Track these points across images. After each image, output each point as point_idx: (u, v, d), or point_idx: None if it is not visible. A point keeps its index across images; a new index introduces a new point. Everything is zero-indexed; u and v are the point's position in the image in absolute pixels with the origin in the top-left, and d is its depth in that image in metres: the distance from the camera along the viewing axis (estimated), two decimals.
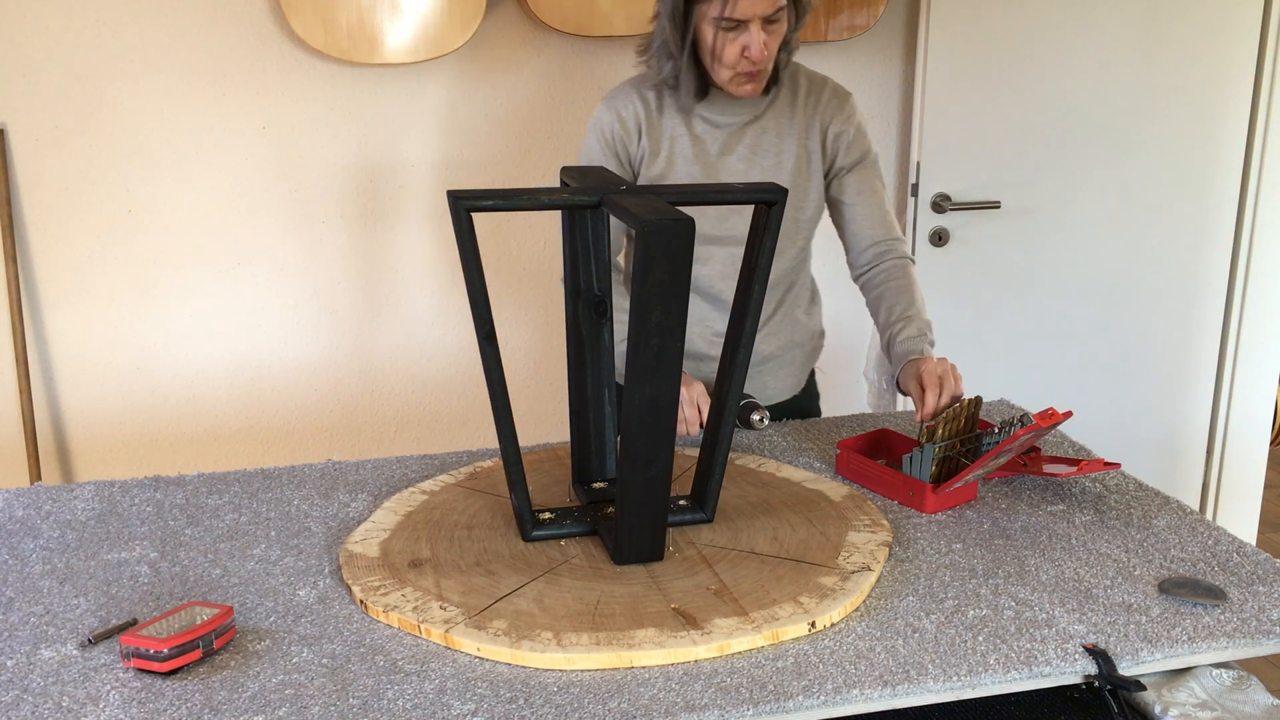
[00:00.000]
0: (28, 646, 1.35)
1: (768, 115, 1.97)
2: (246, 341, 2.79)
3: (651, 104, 1.96)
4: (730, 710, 1.22)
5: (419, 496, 1.72)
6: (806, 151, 1.98)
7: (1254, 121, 3.13)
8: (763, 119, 1.97)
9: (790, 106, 1.98)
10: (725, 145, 1.96)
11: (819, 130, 1.98)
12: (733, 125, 1.96)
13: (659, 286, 1.37)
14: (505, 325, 2.91)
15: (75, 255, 2.65)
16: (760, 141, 1.97)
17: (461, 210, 1.45)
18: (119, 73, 2.57)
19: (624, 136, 1.97)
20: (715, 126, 1.96)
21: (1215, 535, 1.62)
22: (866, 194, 2.00)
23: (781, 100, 1.97)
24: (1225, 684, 1.35)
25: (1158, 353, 3.24)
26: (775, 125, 1.97)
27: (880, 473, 1.77)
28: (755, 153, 1.97)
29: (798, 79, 1.99)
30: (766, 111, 1.97)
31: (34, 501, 1.74)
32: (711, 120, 1.96)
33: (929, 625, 1.39)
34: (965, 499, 1.73)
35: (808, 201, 2.00)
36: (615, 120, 1.97)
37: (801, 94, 1.98)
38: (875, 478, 1.77)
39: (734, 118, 1.96)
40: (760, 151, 1.97)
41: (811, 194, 2.00)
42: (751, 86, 1.88)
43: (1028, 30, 2.92)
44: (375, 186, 2.77)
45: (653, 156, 1.96)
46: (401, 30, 2.57)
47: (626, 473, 1.48)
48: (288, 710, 1.23)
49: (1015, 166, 3.00)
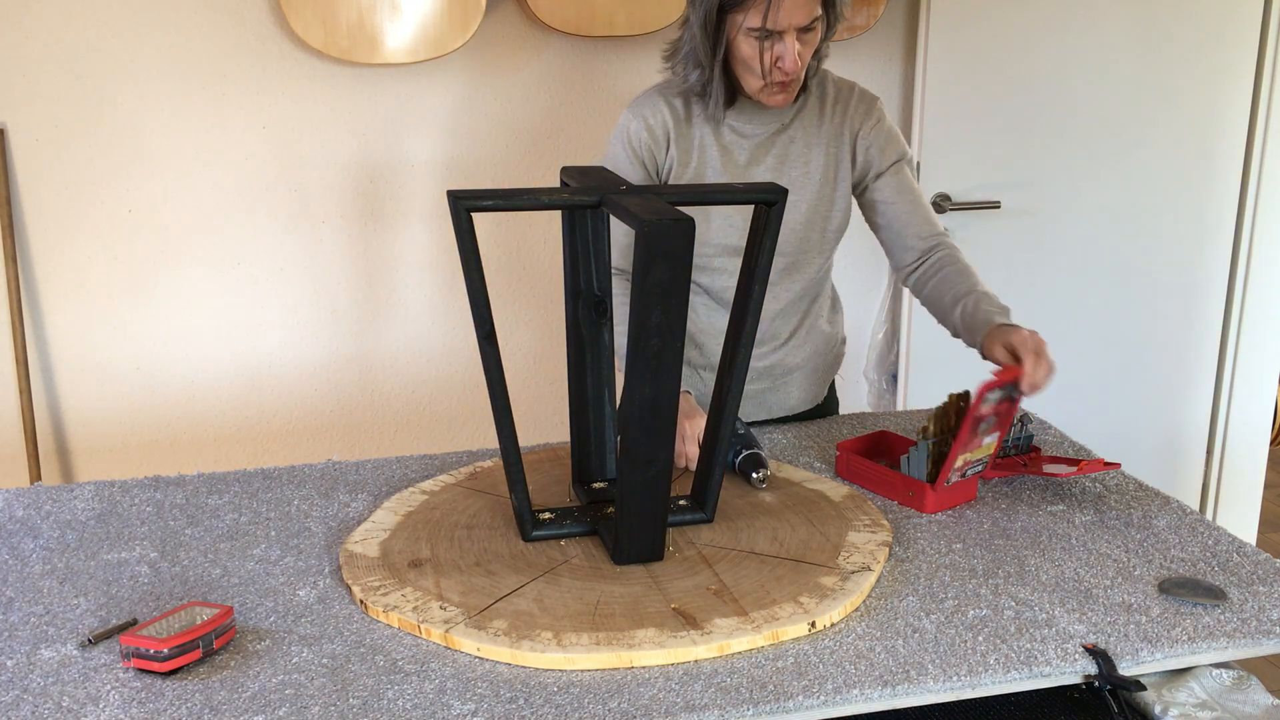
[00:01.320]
0: (28, 646, 1.35)
1: (795, 124, 1.93)
2: (246, 341, 2.79)
3: (680, 112, 1.91)
4: (730, 710, 1.22)
5: (419, 496, 1.72)
6: (835, 160, 1.94)
7: (1254, 121, 3.13)
8: (791, 128, 1.93)
9: (819, 115, 1.94)
10: (753, 155, 1.92)
11: (849, 139, 1.94)
12: (760, 135, 1.92)
13: (659, 286, 1.37)
14: (505, 325, 2.91)
15: (75, 255, 2.65)
16: (788, 151, 1.93)
17: (461, 210, 1.45)
18: (119, 73, 2.57)
19: (652, 146, 1.91)
20: (743, 136, 1.92)
21: (1215, 535, 1.62)
22: (905, 193, 1.95)
23: (810, 109, 1.93)
24: (1225, 684, 1.35)
25: (1158, 353, 3.24)
26: (803, 134, 1.93)
27: (880, 473, 1.77)
28: (783, 162, 1.92)
29: (825, 86, 1.95)
30: (794, 120, 1.93)
31: (34, 501, 1.74)
32: (739, 130, 1.91)
33: (929, 625, 1.39)
34: (965, 499, 1.73)
35: (834, 211, 1.96)
36: (643, 129, 1.91)
37: (829, 101, 1.94)
38: (875, 478, 1.77)
39: (762, 127, 1.91)
40: (788, 161, 1.93)
41: (839, 203, 1.96)
42: (783, 96, 1.83)
43: (1028, 30, 2.92)
44: (375, 186, 2.77)
45: (682, 166, 1.92)
46: (401, 30, 2.57)
47: (626, 473, 1.48)
48: (288, 710, 1.23)
49: (1015, 166, 3.00)
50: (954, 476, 1.69)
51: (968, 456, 1.68)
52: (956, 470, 1.68)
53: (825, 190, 1.94)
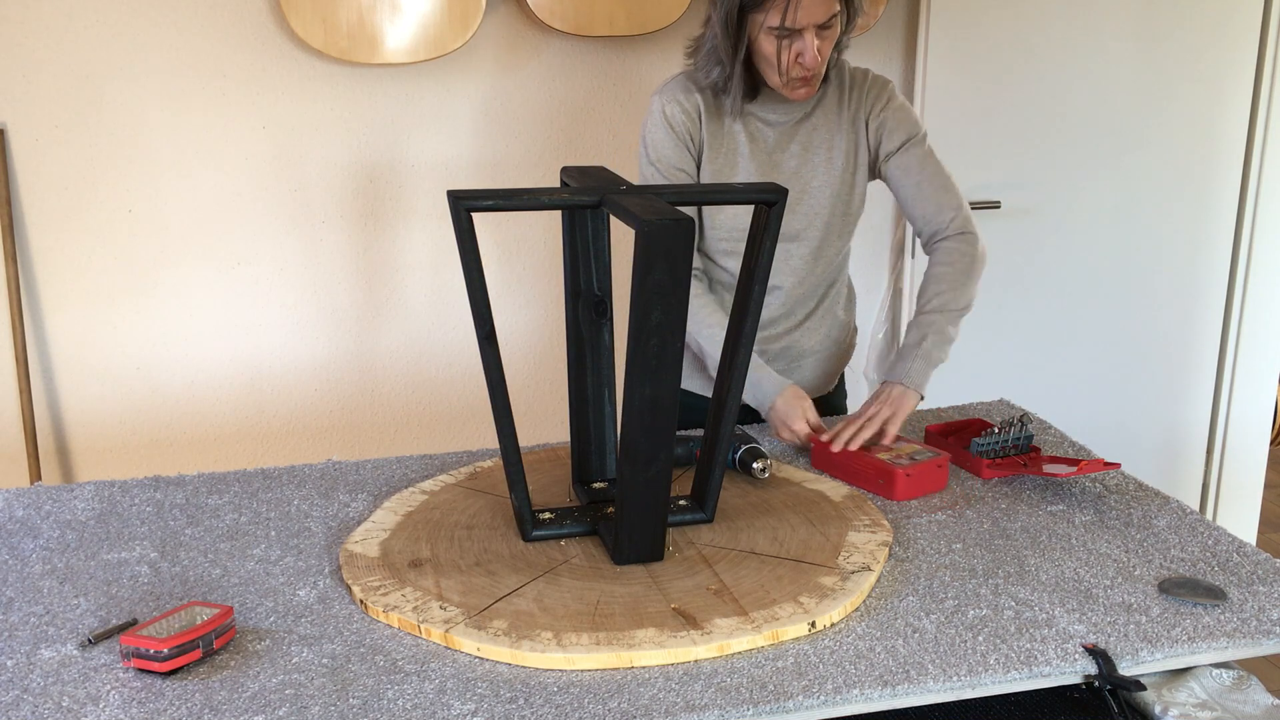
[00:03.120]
0: (28, 646, 1.35)
1: (818, 113, 1.98)
2: (246, 341, 2.79)
3: (710, 98, 1.96)
4: (730, 710, 1.22)
5: (419, 496, 1.72)
6: (855, 145, 2.00)
7: (1254, 121, 3.13)
8: (814, 116, 1.98)
9: (838, 102, 1.99)
10: (778, 143, 1.98)
11: (863, 122, 2.00)
12: (785, 123, 1.98)
13: (659, 286, 1.37)
14: (506, 325, 2.91)
15: (75, 255, 2.65)
16: (812, 139, 1.98)
17: (461, 210, 1.45)
18: (119, 73, 2.57)
19: (689, 126, 1.96)
20: (768, 124, 1.97)
21: (1215, 535, 1.62)
22: (915, 174, 1.99)
23: (830, 97, 1.99)
24: (1225, 684, 1.35)
25: (1158, 353, 3.24)
26: (825, 122, 1.99)
27: (851, 461, 1.79)
28: (808, 150, 1.98)
29: (843, 74, 2.00)
30: (816, 109, 1.98)
31: (34, 501, 1.74)
32: (764, 118, 1.97)
33: (929, 625, 1.39)
34: (935, 488, 1.76)
35: (854, 194, 2.02)
36: (679, 110, 1.95)
37: (847, 88, 2.00)
38: (844, 466, 1.79)
39: (785, 116, 1.97)
40: (812, 148, 1.98)
41: (858, 187, 2.02)
42: (806, 90, 1.89)
43: (1028, 30, 2.92)
44: (375, 186, 2.77)
45: (713, 151, 1.97)
46: (401, 30, 2.57)
47: (626, 473, 1.48)
48: (288, 710, 1.23)
49: (1015, 166, 3.00)
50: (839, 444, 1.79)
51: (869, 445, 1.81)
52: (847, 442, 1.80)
53: (847, 175, 2.00)
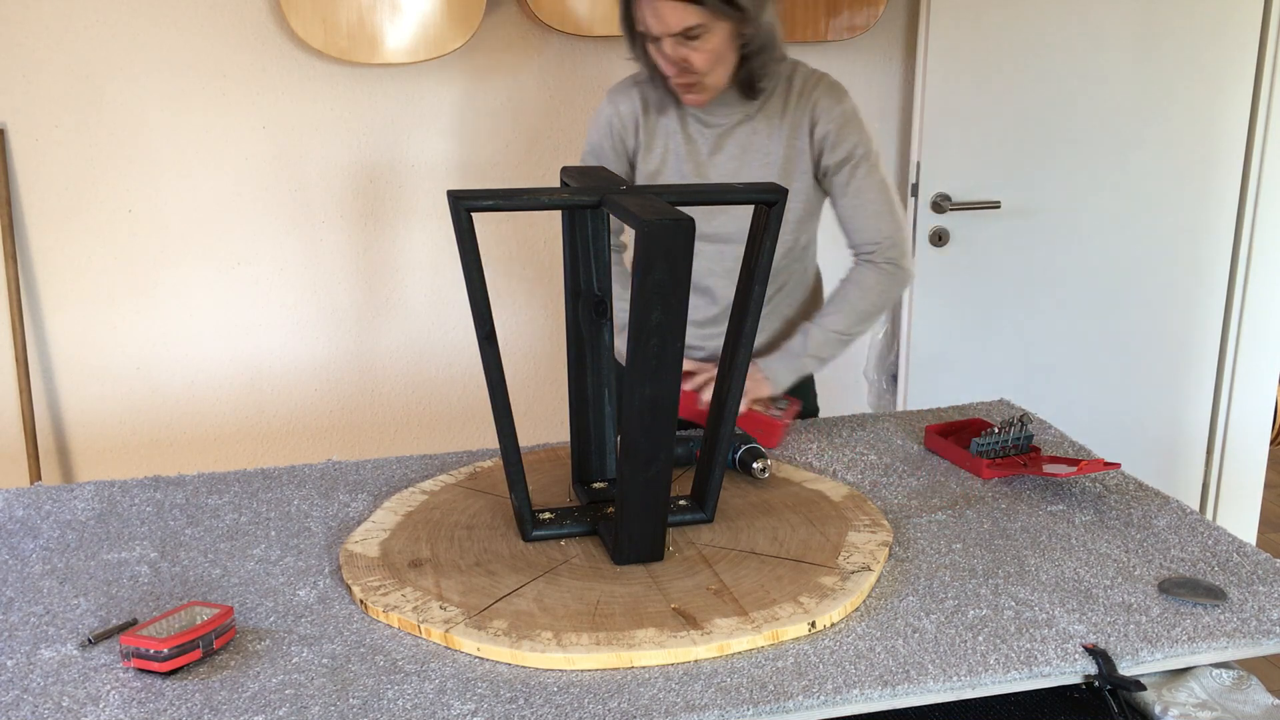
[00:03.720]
0: (28, 646, 1.35)
1: (759, 116, 1.97)
2: (246, 341, 2.79)
3: (651, 101, 1.99)
4: (730, 710, 1.23)
5: (419, 496, 1.72)
6: (795, 151, 1.97)
7: (1254, 121, 3.12)
8: (754, 119, 1.97)
9: (783, 106, 1.97)
10: (716, 144, 1.98)
11: (807, 128, 1.96)
12: (724, 125, 1.97)
13: (659, 286, 1.37)
14: (505, 325, 2.91)
15: (75, 255, 2.65)
16: (750, 142, 1.97)
17: (461, 210, 1.45)
18: (119, 73, 2.57)
19: (621, 130, 2.01)
20: (707, 126, 1.98)
21: (1215, 535, 1.62)
22: (851, 195, 1.97)
23: (774, 100, 1.97)
24: (1225, 684, 1.35)
25: (1158, 353, 3.24)
26: (766, 126, 1.97)
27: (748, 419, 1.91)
28: (745, 152, 1.97)
29: (794, 78, 1.98)
30: (759, 112, 1.97)
31: (34, 501, 1.74)
32: (704, 120, 1.98)
33: (929, 625, 1.39)
34: (768, 442, 1.90)
35: (794, 202, 2.00)
36: (614, 113, 2.01)
37: (795, 93, 1.97)
38: (753, 426, 1.91)
39: (725, 118, 1.97)
40: (750, 151, 1.97)
41: (798, 196, 1.99)
42: (693, 96, 1.90)
43: (1028, 30, 2.92)
44: (375, 186, 2.77)
45: (647, 152, 1.99)
46: (401, 30, 2.57)
47: (626, 473, 1.48)
48: (288, 710, 1.23)
49: (1015, 166, 3.00)
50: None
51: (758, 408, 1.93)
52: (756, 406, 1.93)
53: (785, 181, 1.98)
